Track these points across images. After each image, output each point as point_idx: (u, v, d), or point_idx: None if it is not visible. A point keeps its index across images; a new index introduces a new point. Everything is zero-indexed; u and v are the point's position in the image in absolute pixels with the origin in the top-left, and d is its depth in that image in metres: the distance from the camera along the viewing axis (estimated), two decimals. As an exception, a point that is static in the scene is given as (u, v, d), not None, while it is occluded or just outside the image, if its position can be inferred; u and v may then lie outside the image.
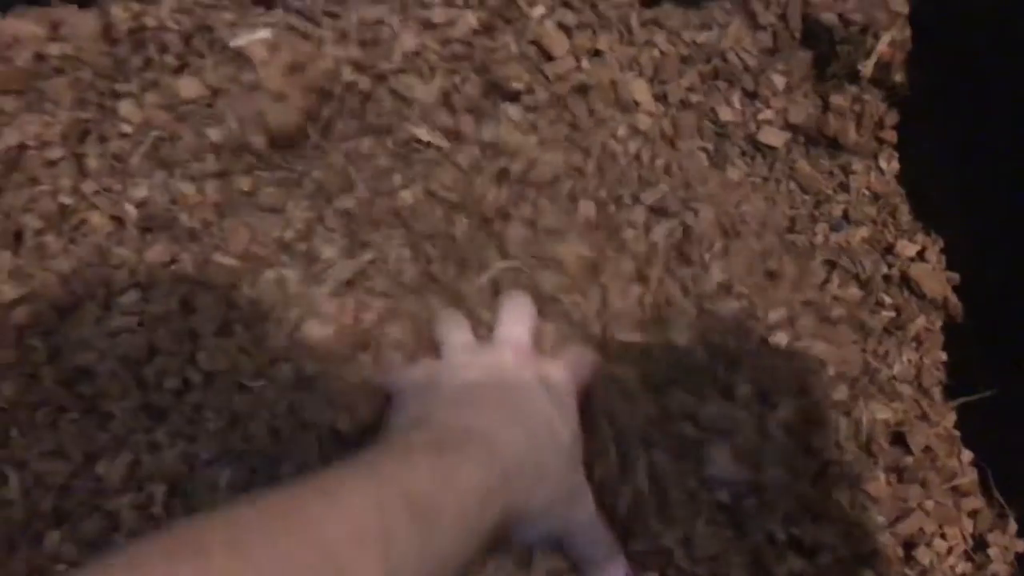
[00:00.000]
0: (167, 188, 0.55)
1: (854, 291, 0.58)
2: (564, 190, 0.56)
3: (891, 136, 0.61)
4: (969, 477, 0.56)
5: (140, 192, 0.54)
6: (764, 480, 0.50)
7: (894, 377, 0.57)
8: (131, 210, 0.54)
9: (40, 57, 0.55)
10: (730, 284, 0.55)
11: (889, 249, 0.60)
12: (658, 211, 0.57)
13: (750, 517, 0.49)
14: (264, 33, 0.53)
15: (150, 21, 0.54)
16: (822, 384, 0.55)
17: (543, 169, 0.55)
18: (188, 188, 0.54)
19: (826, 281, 0.58)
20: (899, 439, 0.56)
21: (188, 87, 0.54)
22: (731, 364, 0.53)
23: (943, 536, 0.53)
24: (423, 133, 0.55)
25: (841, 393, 0.54)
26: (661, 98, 0.60)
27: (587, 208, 0.56)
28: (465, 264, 0.54)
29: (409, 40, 0.55)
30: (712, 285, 0.55)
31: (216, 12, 0.55)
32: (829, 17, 0.58)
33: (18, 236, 0.54)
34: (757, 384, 0.52)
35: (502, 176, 0.55)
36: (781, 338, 0.54)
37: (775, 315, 0.55)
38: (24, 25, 0.55)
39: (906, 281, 0.59)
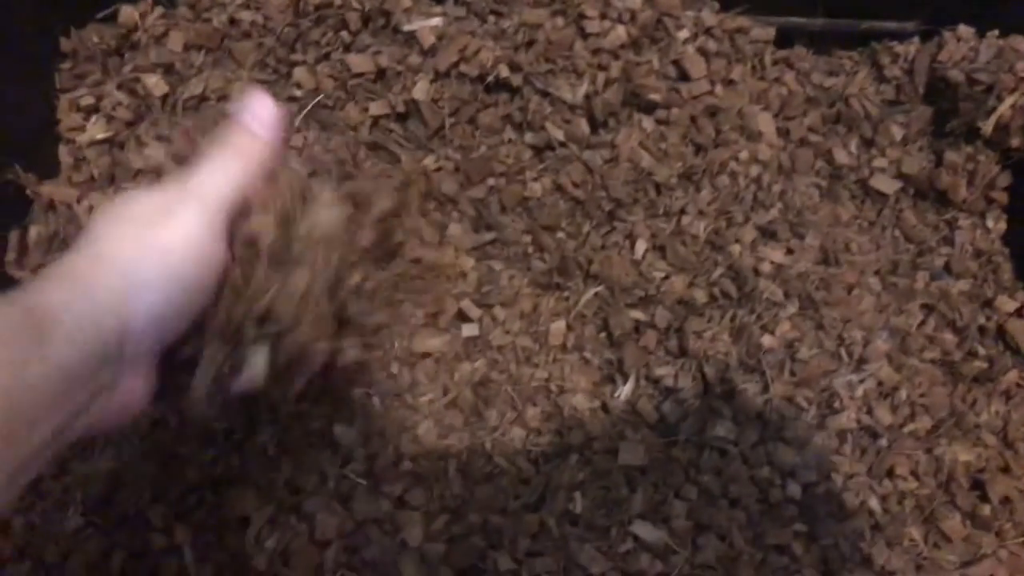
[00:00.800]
0: (322, 144, 0.60)
1: (948, 336, 0.60)
2: (677, 204, 0.60)
3: (1001, 197, 0.63)
4: (1046, 534, 0.56)
5: (296, 143, 0.60)
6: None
7: (979, 425, 0.58)
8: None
9: (233, 21, 0.62)
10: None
11: (988, 303, 0.61)
12: (767, 232, 0.60)
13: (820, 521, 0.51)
14: (435, 21, 0.59)
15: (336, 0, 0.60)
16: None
17: (664, 176, 0.60)
18: (342, 151, 0.60)
19: (922, 323, 0.60)
20: (978, 486, 0.57)
21: (358, 63, 0.60)
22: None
23: (1014, 585, 0.54)
24: (561, 132, 0.60)
25: (923, 423, 0.56)
26: (784, 133, 0.64)
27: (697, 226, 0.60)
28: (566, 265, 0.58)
29: (562, 45, 0.59)
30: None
31: (395, -1, 0.61)
32: (955, 74, 0.61)
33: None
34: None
35: (627, 179, 0.60)
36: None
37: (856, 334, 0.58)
38: (225, -8, 0.62)
39: (1002, 335, 0.60)
